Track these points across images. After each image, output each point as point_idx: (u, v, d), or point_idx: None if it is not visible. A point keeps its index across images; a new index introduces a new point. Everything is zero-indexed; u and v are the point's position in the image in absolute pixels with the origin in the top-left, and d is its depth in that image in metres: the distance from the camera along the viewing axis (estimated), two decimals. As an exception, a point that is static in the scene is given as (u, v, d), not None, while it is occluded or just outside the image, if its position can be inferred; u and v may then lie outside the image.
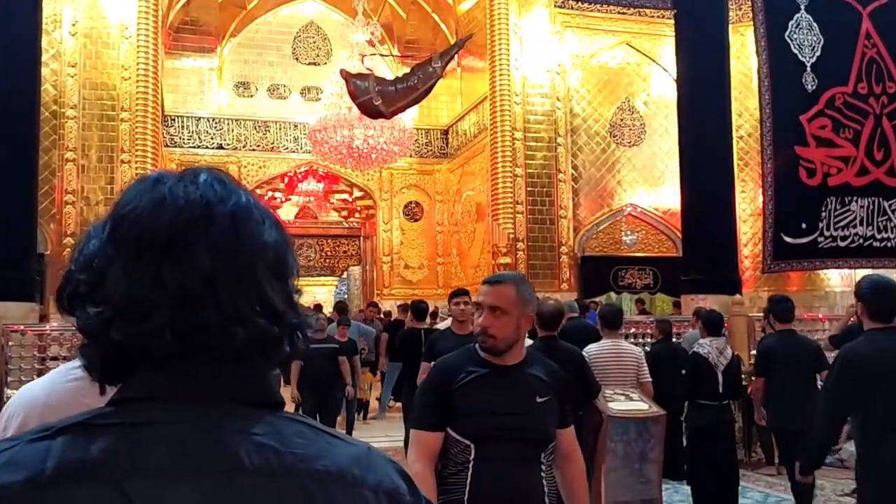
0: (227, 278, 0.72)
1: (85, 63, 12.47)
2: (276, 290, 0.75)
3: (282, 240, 0.79)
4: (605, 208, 14.73)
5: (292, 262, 0.80)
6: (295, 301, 0.79)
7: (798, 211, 9.12)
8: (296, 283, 0.80)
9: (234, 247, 0.73)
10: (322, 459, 0.72)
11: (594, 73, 14.83)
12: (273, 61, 17.18)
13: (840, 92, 9.54)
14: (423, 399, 2.46)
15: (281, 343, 0.76)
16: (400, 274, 17.33)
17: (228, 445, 0.69)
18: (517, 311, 2.37)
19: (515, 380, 2.39)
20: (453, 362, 2.48)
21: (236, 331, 0.72)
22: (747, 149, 13.96)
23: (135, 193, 0.77)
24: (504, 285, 2.42)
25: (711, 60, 10.03)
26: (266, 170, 16.36)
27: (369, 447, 0.77)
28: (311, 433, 0.74)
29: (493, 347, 2.36)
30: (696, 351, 5.42)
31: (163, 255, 0.71)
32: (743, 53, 13.67)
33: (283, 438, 0.71)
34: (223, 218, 0.74)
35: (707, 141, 9.81)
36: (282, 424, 0.73)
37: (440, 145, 17.43)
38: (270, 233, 0.77)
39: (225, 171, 0.82)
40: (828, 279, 13.78)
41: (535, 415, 2.36)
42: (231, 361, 0.73)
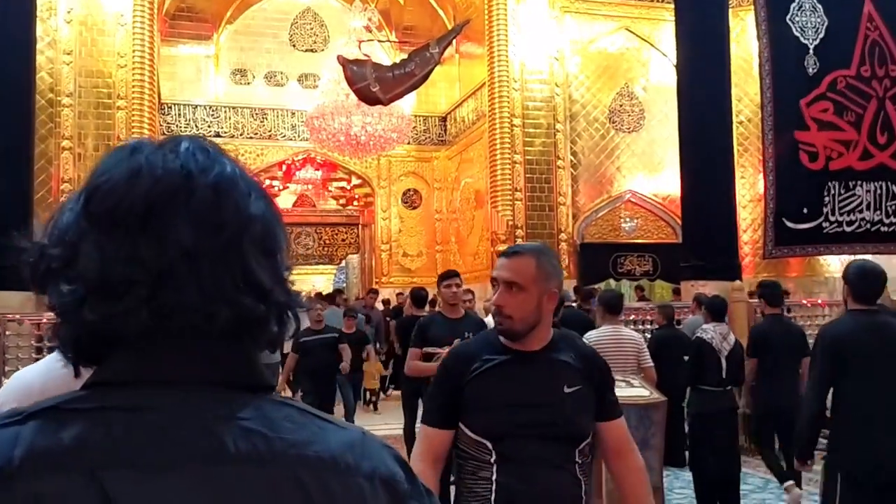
0: (209, 253, 0.68)
1: (80, 51, 12.37)
2: (263, 266, 0.71)
3: (269, 213, 0.74)
4: (604, 195, 14.68)
5: (281, 236, 0.76)
6: (284, 278, 0.75)
7: (799, 196, 9.08)
8: (286, 259, 0.76)
9: (216, 219, 0.69)
10: (313, 445, 0.67)
11: (593, 58, 14.74)
12: (270, 48, 17.06)
13: (843, 75, 9.48)
14: (433, 390, 2.21)
15: (268, 323, 0.72)
16: (398, 262, 17.29)
17: (212, 431, 0.65)
18: (537, 288, 2.05)
19: (539, 367, 2.08)
20: (469, 349, 2.20)
21: (219, 310, 0.68)
22: (747, 134, 13.89)
23: (110, 163, 0.71)
24: (522, 257, 2.10)
25: (711, 45, 9.96)
26: (264, 157, 16.29)
27: (363, 432, 0.73)
28: (300, 417, 0.70)
29: (510, 330, 2.07)
30: (700, 336, 5.39)
31: (139, 229, 0.67)
32: (743, 38, 13.58)
33: (271, 423, 0.67)
34: (205, 188, 0.69)
35: (707, 126, 9.76)
36: (270, 408, 0.69)
37: (438, 132, 17.35)
38: (257, 205, 0.73)
39: (209, 140, 0.77)
40: (827, 265, 13.74)
41: (564, 407, 2.03)
42: (214, 342, 0.69)
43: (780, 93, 9.21)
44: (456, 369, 2.12)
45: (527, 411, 2.01)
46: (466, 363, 2.10)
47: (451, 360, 2.22)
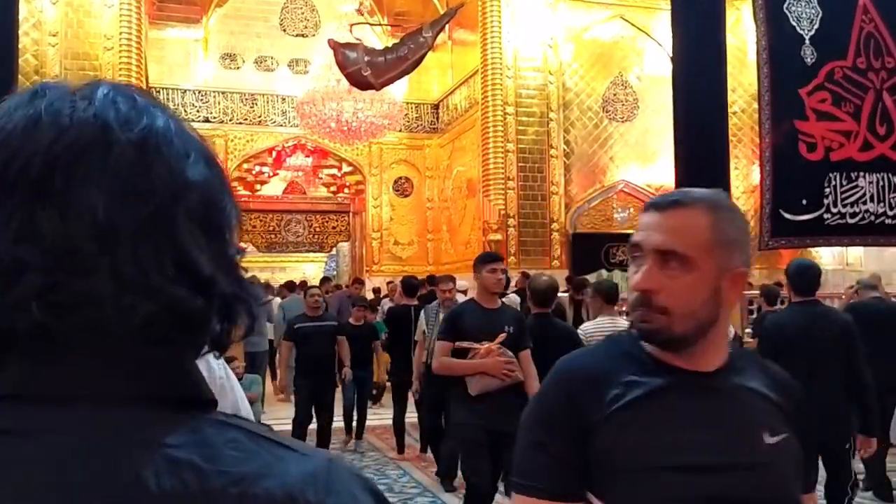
0: (128, 229, 0.52)
1: (66, 32, 12.14)
2: (203, 247, 0.55)
3: (214, 180, 0.59)
4: (597, 185, 14.58)
5: (230, 210, 0.59)
6: (233, 263, 0.59)
7: (798, 187, 8.99)
8: (236, 239, 0.60)
9: (140, 185, 0.54)
10: (264, 480, 0.52)
11: (587, 46, 14.60)
12: (260, 32, 16.81)
13: (839, 66, 9.40)
14: (529, 438, 1.29)
15: (208, 320, 0.57)
16: (389, 250, 17.15)
17: (126, 463, 0.50)
18: (713, 262, 1.25)
19: (722, 401, 1.26)
20: (597, 364, 1.31)
21: (139, 303, 0.52)
22: (740, 125, 13.81)
23: (6, 110, 0.55)
24: (688, 210, 1.27)
25: (707, 34, 9.82)
26: (253, 143, 16.09)
27: (331, 458, 0.57)
28: (250, 442, 0.54)
29: (666, 332, 1.24)
30: None
31: (36, 195, 0.51)
32: (738, 27, 13.47)
33: (209, 451, 0.52)
34: (126, 146, 0.54)
35: (702, 117, 9.63)
36: (209, 431, 0.54)
37: (430, 120, 17.18)
38: (197, 169, 0.57)
39: (144, 89, 0.62)
40: (819, 257, 13.69)
41: (769, 470, 1.22)
42: (134, 344, 0.53)
43: (779, 81, 9.11)
44: (579, 399, 1.25)
45: (712, 478, 1.19)
46: (595, 389, 1.24)
47: (565, 382, 1.31)
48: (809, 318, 4.11)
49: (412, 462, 7.31)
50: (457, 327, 4.49)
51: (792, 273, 4.26)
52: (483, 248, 13.89)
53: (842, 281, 13.03)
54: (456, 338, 4.46)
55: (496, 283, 4.58)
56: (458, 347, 4.43)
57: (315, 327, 7.23)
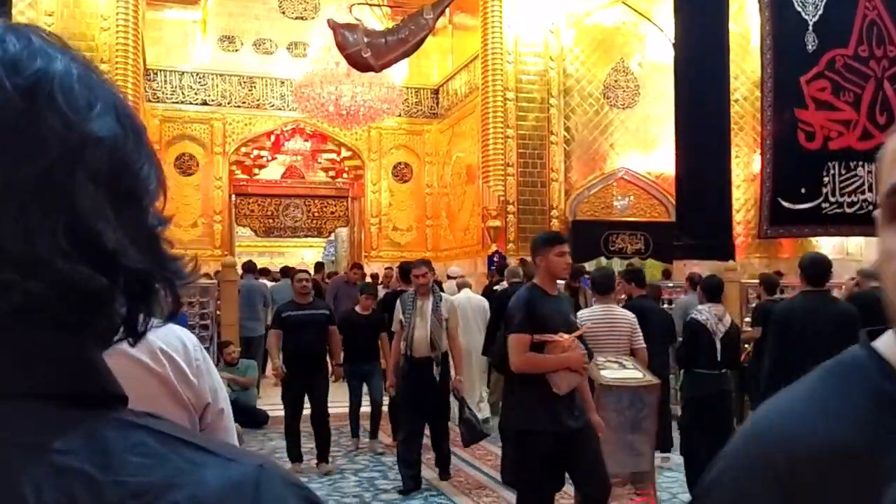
0: (13, 192, 0.44)
1: (62, 12, 12.02)
2: (108, 215, 0.47)
3: (126, 137, 0.50)
4: (597, 172, 14.49)
5: (148, 173, 0.51)
6: (151, 235, 0.51)
7: (797, 176, 8.94)
8: (155, 206, 0.52)
9: (27, 140, 0.45)
10: (172, 491, 0.44)
11: (589, 32, 14.48)
12: (259, 14, 16.66)
13: (840, 54, 9.34)
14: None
15: (111, 301, 0.49)
16: (388, 236, 17.09)
17: (3, 473, 0.42)
18: None
19: None
20: (841, 429, 0.66)
21: (20, 279, 0.44)
22: (742, 113, 13.69)
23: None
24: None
25: (710, 21, 9.75)
26: (252, 127, 15.99)
27: (261, 464, 0.48)
28: (160, 446, 0.46)
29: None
30: (694, 317, 5.21)
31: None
32: (741, 14, 13.33)
33: (106, 458, 0.44)
34: (13, 93, 0.45)
35: (704, 104, 9.59)
36: (110, 434, 0.46)
37: (430, 105, 17.07)
38: (103, 123, 0.48)
39: (39, 27, 0.51)
40: (820, 247, 13.61)
41: None
42: (18, 330, 0.46)
43: (781, 69, 9.05)
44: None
45: None
46: (852, 484, 0.63)
47: (782, 470, 0.66)
48: (817, 306, 4.50)
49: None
50: (535, 318, 3.96)
51: (806, 264, 4.68)
52: (482, 234, 13.85)
53: (842, 270, 12.96)
54: (535, 330, 3.95)
55: (565, 267, 4.11)
56: (537, 341, 3.94)
57: (305, 316, 6.60)
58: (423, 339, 6.00)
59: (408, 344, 6.02)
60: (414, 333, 6.03)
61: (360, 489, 5.96)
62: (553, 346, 3.89)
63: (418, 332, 6.03)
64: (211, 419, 1.31)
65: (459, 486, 6.03)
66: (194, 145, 15.53)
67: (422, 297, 6.15)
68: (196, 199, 15.49)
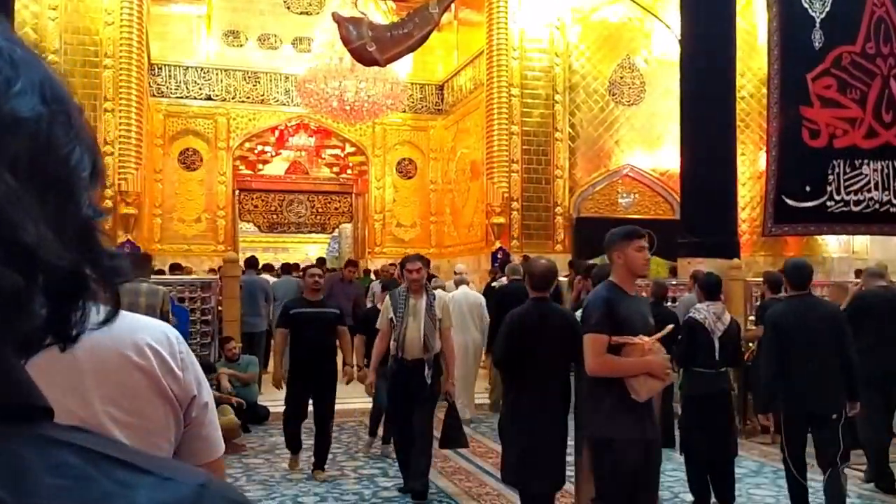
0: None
1: (66, 6, 12.01)
2: (27, 205, 0.41)
3: (53, 119, 0.44)
4: (601, 168, 14.43)
5: (80, 160, 0.45)
6: (84, 227, 0.45)
7: (802, 173, 8.86)
8: (86, 197, 0.45)
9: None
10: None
11: (594, 28, 14.41)
12: (264, 9, 16.63)
13: (847, 51, 9.25)
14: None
15: (30, 302, 0.42)
16: (392, 232, 17.06)
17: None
18: None
19: None
20: None
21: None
22: (748, 110, 13.62)
23: None
24: None
25: (717, 17, 9.66)
26: (256, 122, 15.96)
27: (204, 483, 0.44)
28: (86, 466, 0.41)
29: None
30: (692, 316, 5.15)
31: None
32: (748, 10, 13.26)
33: (20, 481, 0.38)
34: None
35: (709, 101, 9.50)
36: (26, 453, 0.40)
37: (435, 101, 17.02)
38: (23, 102, 0.42)
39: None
40: (825, 245, 13.57)
41: None
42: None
43: (787, 66, 8.97)
44: None
45: None
46: None
47: None
48: (805, 308, 4.78)
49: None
50: (614, 318, 3.66)
51: (788, 270, 4.95)
52: (486, 230, 13.80)
53: (847, 269, 12.90)
54: (614, 331, 3.66)
55: (644, 263, 3.78)
56: (615, 343, 3.66)
57: (314, 314, 6.14)
58: (416, 341, 5.50)
59: (399, 345, 5.52)
60: (406, 333, 5.51)
61: (359, 487, 5.92)
62: (632, 349, 3.64)
63: (411, 332, 5.51)
64: (196, 413, 1.29)
65: (460, 484, 5.99)
66: (198, 140, 15.51)
67: (415, 295, 5.62)
68: (200, 194, 15.48)
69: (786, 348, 4.68)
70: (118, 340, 1.20)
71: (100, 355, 1.18)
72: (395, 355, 5.58)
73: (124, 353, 1.21)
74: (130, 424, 1.18)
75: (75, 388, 1.15)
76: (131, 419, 1.19)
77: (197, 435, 1.29)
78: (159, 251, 14.67)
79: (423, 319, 5.52)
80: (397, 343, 5.52)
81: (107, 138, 12.14)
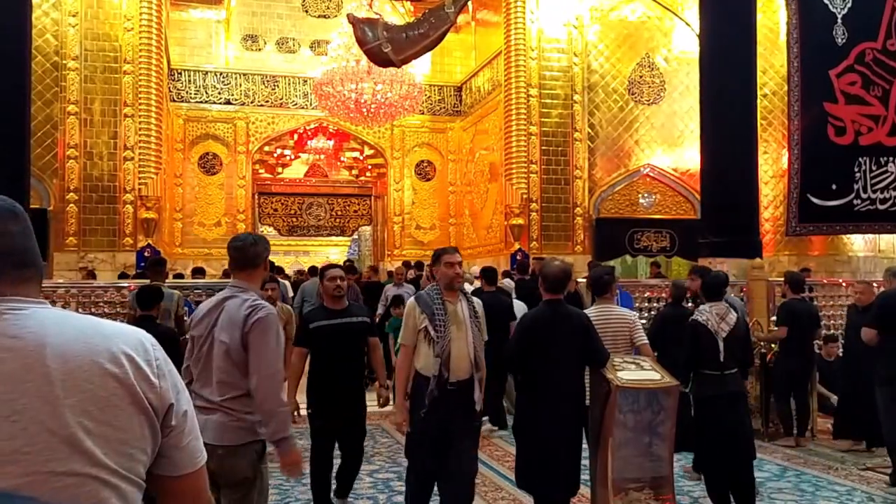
0: None
1: (86, 13, 12.12)
2: None
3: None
4: (621, 169, 14.31)
5: None
6: None
7: (827, 171, 8.69)
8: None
9: None
10: None
11: (613, 27, 14.30)
12: (282, 13, 16.71)
13: (870, 47, 9.07)
14: None
15: None
16: (411, 234, 17.03)
17: None
18: None
19: None
20: None
21: None
22: (771, 108, 13.43)
23: None
24: None
25: (737, 14, 9.51)
26: (275, 126, 16.02)
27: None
28: None
29: None
30: (695, 318, 5.04)
31: None
32: (770, 7, 13.08)
33: None
34: None
35: (730, 99, 9.34)
36: None
37: (453, 103, 16.98)
38: None
39: None
40: (851, 243, 13.33)
41: None
42: None
43: (809, 63, 8.80)
44: None
45: None
46: None
47: None
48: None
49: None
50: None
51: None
52: (505, 232, 13.73)
53: (874, 268, 12.67)
54: None
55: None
56: None
57: (339, 325, 4.96)
58: (465, 356, 4.30)
59: (442, 362, 4.26)
60: (451, 347, 4.29)
61: (374, 491, 5.88)
62: None
63: (457, 345, 4.30)
64: (175, 422, 1.25)
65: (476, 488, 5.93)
66: (218, 144, 15.59)
67: (452, 297, 4.42)
68: (220, 198, 15.55)
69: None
70: (92, 348, 1.16)
71: (72, 363, 1.14)
72: (436, 375, 4.26)
73: (97, 361, 1.16)
74: (104, 435, 1.14)
75: (45, 397, 1.11)
76: (105, 429, 1.14)
77: (176, 445, 1.25)
78: (180, 255, 14.76)
79: (469, 328, 4.36)
80: (441, 360, 4.25)
81: (127, 143, 12.23)
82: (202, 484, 1.33)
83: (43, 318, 1.17)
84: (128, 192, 12.18)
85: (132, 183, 12.19)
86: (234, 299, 3.28)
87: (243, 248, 3.38)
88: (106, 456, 1.13)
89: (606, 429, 4.32)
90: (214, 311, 3.33)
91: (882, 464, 6.39)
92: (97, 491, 1.12)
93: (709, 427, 4.92)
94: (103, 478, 1.13)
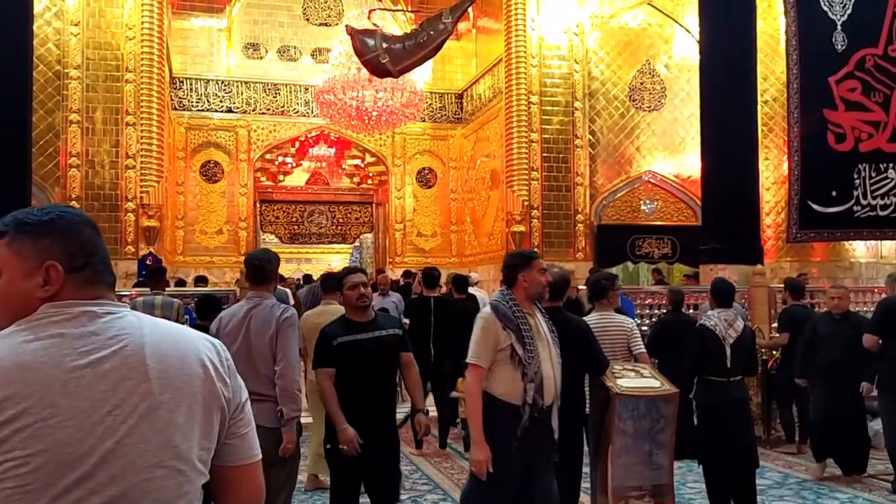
0: None
1: (88, 22, 12.16)
2: None
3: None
4: (622, 175, 14.32)
5: None
6: None
7: (827, 178, 8.70)
8: None
9: None
10: None
11: (614, 34, 14.32)
12: (283, 22, 16.74)
13: (870, 53, 9.08)
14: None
15: None
16: (413, 242, 17.04)
17: None
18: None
19: None
20: None
21: None
22: (772, 114, 13.43)
23: None
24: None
25: (737, 20, 9.53)
26: (276, 134, 16.04)
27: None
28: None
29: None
30: (703, 323, 5.04)
31: None
32: (770, 14, 13.10)
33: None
34: None
35: (731, 106, 9.35)
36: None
37: (454, 110, 17.01)
38: None
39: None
40: (853, 249, 13.31)
41: None
42: None
43: (808, 69, 8.82)
44: None
45: None
46: None
47: None
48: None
49: (426, 458, 7.17)
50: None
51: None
52: (507, 239, 13.74)
53: (875, 274, 12.66)
54: None
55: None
56: None
57: (366, 341, 4.04)
58: (551, 378, 3.74)
59: (536, 385, 3.65)
60: (541, 369, 3.70)
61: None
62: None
63: (546, 366, 3.72)
64: (242, 415, 1.38)
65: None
66: (219, 152, 15.62)
67: (529, 308, 3.83)
68: (221, 205, 15.58)
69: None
70: (181, 349, 1.30)
71: (166, 362, 1.26)
72: (530, 402, 3.64)
73: (186, 362, 1.30)
74: (190, 430, 1.26)
75: (143, 394, 1.22)
76: (191, 425, 1.26)
77: (237, 433, 1.37)
78: (182, 263, 14.78)
79: (551, 344, 3.80)
80: (535, 384, 3.64)
81: (129, 152, 12.25)
82: (260, 473, 1.43)
83: (137, 321, 1.29)
84: (129, 200, 12.20)
85: (134, 191, 12.21)
86: (260, 306, 3.94)
87: (261, 267, 4.04)
88: (190, 451, 1.25)
89: (606, 436, 4.31)
90: (244, 319, 3.93)
91: (884, 471, 6.37)
92: (180, 485, 1.23)
93: (713, 433, 4.91)
94: (186, 472, 1.24)
